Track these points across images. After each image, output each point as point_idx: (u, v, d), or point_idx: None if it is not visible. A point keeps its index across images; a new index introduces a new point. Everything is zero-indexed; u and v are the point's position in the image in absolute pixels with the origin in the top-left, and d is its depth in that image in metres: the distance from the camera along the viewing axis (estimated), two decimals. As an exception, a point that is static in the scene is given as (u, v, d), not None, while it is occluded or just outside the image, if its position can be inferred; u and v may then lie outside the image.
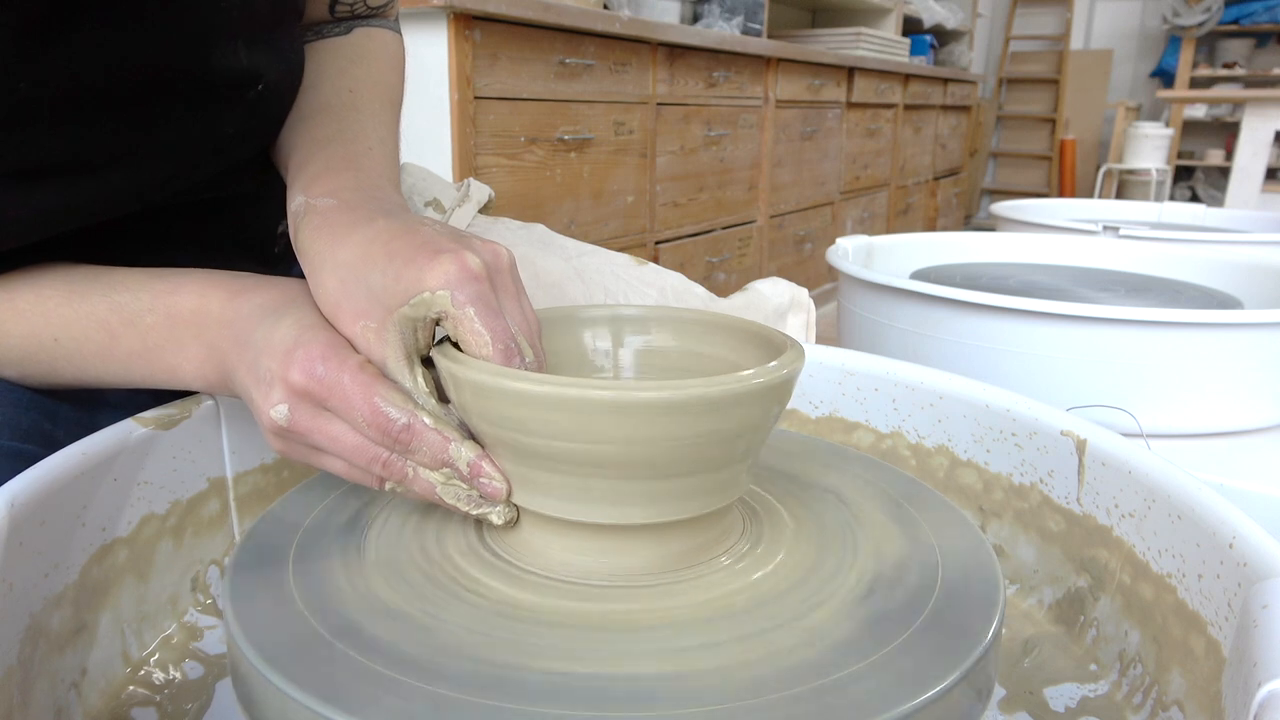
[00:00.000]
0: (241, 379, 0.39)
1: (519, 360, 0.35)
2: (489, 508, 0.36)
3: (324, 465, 0.38)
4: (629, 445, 0.32)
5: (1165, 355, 0.86)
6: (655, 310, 0.44)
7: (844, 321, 1.13)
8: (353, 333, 0.37)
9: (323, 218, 0.41)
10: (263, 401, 0.37)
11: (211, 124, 0.48)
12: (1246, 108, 2.83)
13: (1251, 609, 0.29)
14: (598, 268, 0.69)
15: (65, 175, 0.42)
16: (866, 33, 3.21)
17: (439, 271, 0.35)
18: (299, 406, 0.36)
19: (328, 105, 0.53)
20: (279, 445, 0.38)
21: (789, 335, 0.38)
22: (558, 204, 1.78)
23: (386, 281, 0.36)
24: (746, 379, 0.33)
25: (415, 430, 0.35)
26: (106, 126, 0.43)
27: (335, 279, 0.38)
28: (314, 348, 0.36)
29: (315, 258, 0.40)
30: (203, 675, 0.40)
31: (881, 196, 3.52)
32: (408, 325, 0.37)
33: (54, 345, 0.43)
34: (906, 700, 0.28)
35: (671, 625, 0.32)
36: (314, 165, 0.46)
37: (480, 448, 0.36)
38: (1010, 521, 0.48)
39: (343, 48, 0.59)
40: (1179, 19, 5.16)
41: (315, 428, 0.36)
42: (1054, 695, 0.39)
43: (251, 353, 0.38)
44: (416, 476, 0.37)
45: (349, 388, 0.35)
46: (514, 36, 1.61)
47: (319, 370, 0.36)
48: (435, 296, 0.35)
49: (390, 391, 0.36)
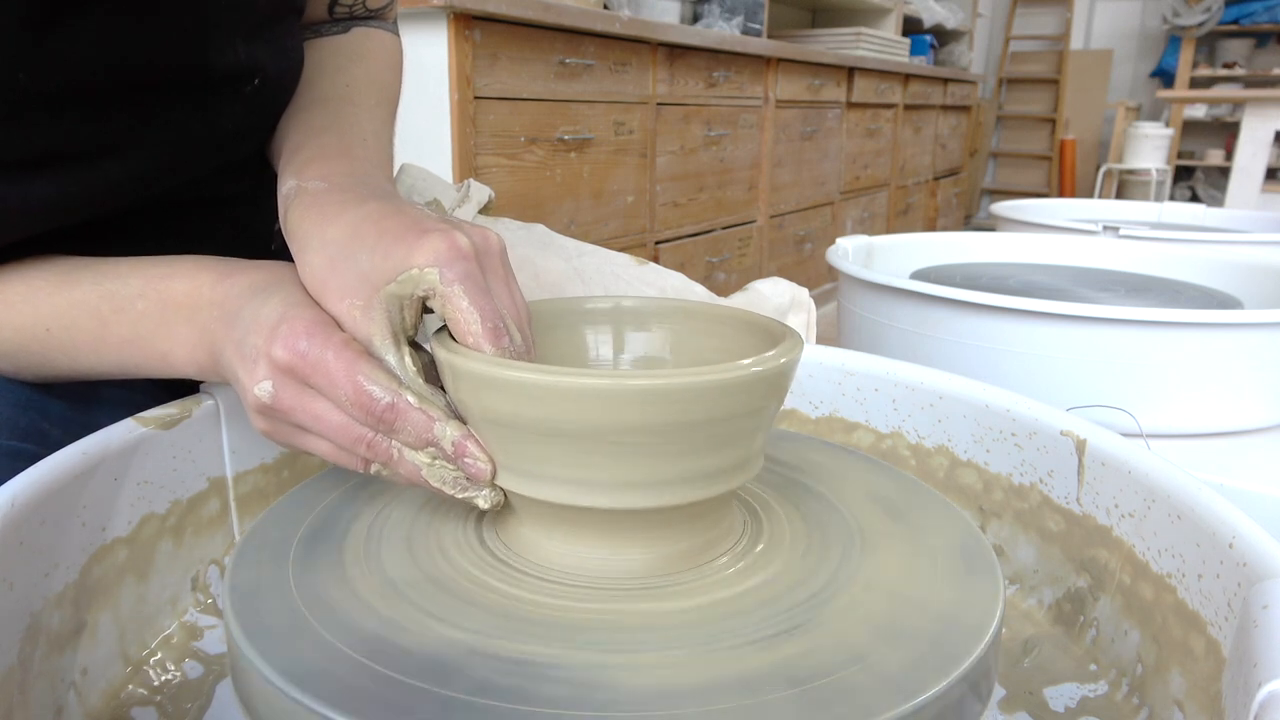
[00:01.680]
0: (229, 358, 0.39)
1: (506, 341, 0.35)
2: (475, 491, 0.36)
3: (308, 447, 0.38)
4: (627, 433, 0.32)
5: (1165, 355, 0.86)
6: (656, 302, 0.44)
7: (844, 321, 1.13)
8: (339, 311, 0.37)
9: (313, 198, 0.41)
10: (248, 378, 0.37)
11: (210, 118, 0.48)
12: (1246, 108, 2.83)
13: (1252, 609, 0.29)
14: (598, 268, 0.69)
15: (64, 167, 0.42)
16: (866, 33, 3.21)
17: (428, 249, 0.35)
18: (283, 383, 0.36)
19: (324, 98, 0.53)
20: (263, 425, 0.38)
21: (788, 325, 0.38)
22: (558, 204, 1.78)
23: (375, 259, 0.36)
24: (744, 367, 0.33)
25: (399, 409, 0.35)
26: (105, 118, 0.43)
27: (323, 257, 0.38)
28: (298, 324, 0.36)
29: (303, 237, 0.39)
30: (203, 675, 0.40)
31: (881, 196, 3.52)
32: (394, 303, 0.36)
33: (46, 336, 0.43)
34: (906, 700, 0.28)
35: (672, 625, 0.32)
36: (307, 151, 0.46)
37: (465, 427, 0.35)
38: (1010, 522, 0.48)
39: (341, 46, 0.59)
40: (1179, 19, 5.16)
41: (299, 406, 0.36)
42: (1054, 695, 0.39)
43: (239, 330, 0.38)
44: (401, 458, 0.36)
45: (332, 365, 0.35)
46: (514, 36, 1.61)
47: (302, 346, 0.35)
48: (423, 274, 0.35)
49: (374, 370, 0.35)
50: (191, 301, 0.42)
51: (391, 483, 0.39)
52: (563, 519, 0.35)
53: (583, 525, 0.35)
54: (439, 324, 0.37)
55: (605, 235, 1.94)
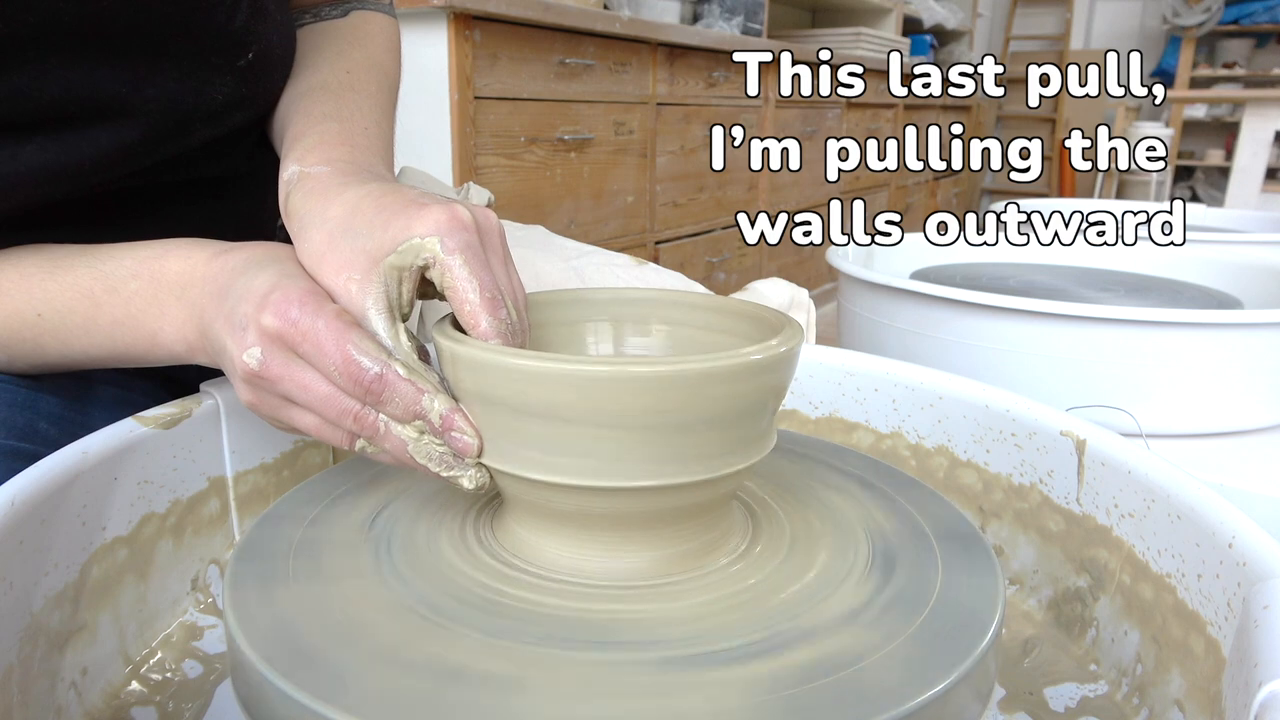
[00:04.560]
0: (218, 331, 0.38)
1: (504, 313, 0.35)
2: (460, 470, 0.35)
3: (294, 421, 0.37)
4: (628, 417, 0.32)
5: (1165, 355, 0.86)
6: (658, 294, 0.44)
7: (844, 321, 1.13)
8: (335, 284, 0.37)
9: (315, 181, 0.41)
10: (236, 346, 0.36)
11: (200, 87, 0.48)
12: (1246, 108, 2.84)
13: (1252, 609, 0.29)
14: (597, 268, 0.69)
15: (51, 131, 0.42)
16: (866, 33, 3.21)
17: (430, 219, 0.35)
18: (272, 351, 0.36)
19: (325, 85, 0.53)
20: (250, 396, 0.38)
21: (788, 317, 0.38)
22: (558, 204, 1.78)
23: (375, 231, 0.36)
24: (745, 354, 0.33)
25: (387, 380, 0.35)
26: (91, 77, 0.43)
27: (323, 233, 0.38)
28: (291, 292, 0.36)
29: (304, 217, 0.39)
30: (202, 675, 0.40)
31: (881, 196, 3.52)
32: (393, 275, 0.36)
33: (38, 321, 0.43)
34: (906, 700, 0.28)
35: (672, 625, 0.32)
36: (310, 138, 0.46)
37: (454, 401, 0.35)
38: (1010, 522, 0.48)
39: (341, 30, 0.60)
40: (1179, 19, 5.16)
41: (287, 374, 0.36)
42: (1054, 695, 0.39)
43: (230, 302, 0.38)
44: (388, 432, 0.36)
45: (322, 333, 0.35)
46: (514, 36, 1.61)
47: (294, 314, 0.35)
48: (424, 242, 0.35)
49: (364, 341, 0.35)
50: (184, 279, 0.41)
51: (375, 461, 0.38)
52: (563, 519, 0.35)
53: (583, 525, 0.35)
54: (438, 323, 0.37)
55: (605, 235, 1.94)
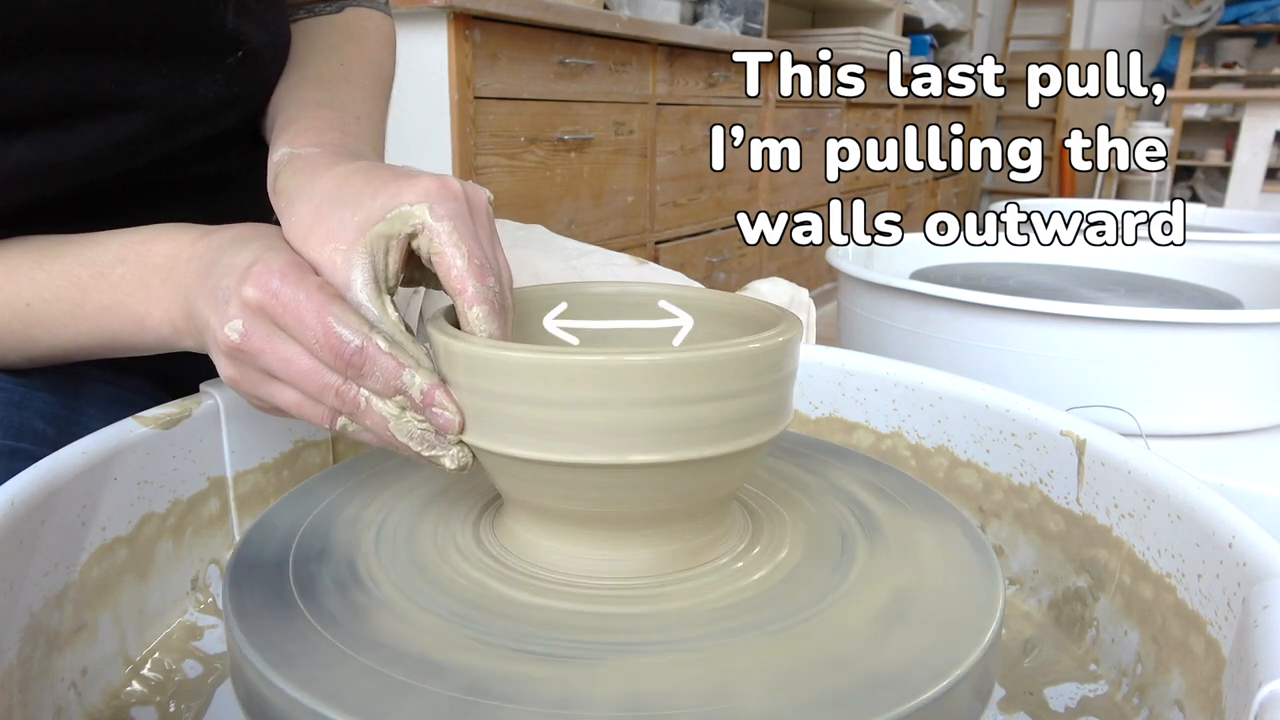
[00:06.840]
0: (201, 307, 0.38)
1: (493, 281, 0.35)
2: (442, 450, 0.35)
3: (275, 397, 0.37)
4: (626, 407, 0.31)
5: (1165, 355, 0.85)
6: (659, 288, 0.44)
7: (844, 321, 1.13)
8: (320, 256, 0.36)
9: (305, 161, 0.41)
10: (218, 320, 0.36)
11: (191, 85, 0.48)
12: (1246, 108, 2.84)
13: (1252, 609, 0.29)
14: (597, 268, 0.69)
15: (41, 128, 0.43)
16: (866, 33, 3.21)
17: (419, 187, 0.35)
18: (253, 323, 0.35)
19: (319, 75, 0.53)
20: (231, 371, 0.37)
21: (785, 310, 0.38)
22: (558, 204, 1.78)
23: (363, 201, 0.36)
24: (742, 343, 0.32)
25: (368, 353, 0.34)
26: (82, 75, 0.43)
27: (309, 206, 0.38)
28: (273, 264, 0.35)
29: (292, 193, 0.39)
30: (202, 675, 0.40)
31: (881, 196, 3.52)
32: (380, 245, 0.36)
33: (26, 311, 0.43)
34: (907, 700, 0.28)
35: (671, 626, 0.32)
36: (301, 123, 0.46)
37: (436, 376, 0.35)
38: (1010, 522, 0.48)
39: (336, 25, 0.60)
40: (1179, 19, 5.16)
41: (268, 348, 0.35)
42: (1054, 695, 0.39)
43: (213, 278, 0.38)
44: (369, 408, 0.35)
45: (304, 305, 0.34)
46: (514, 36, 1.61)
47: (275, 285, 0.35)
48: (412, 209, 0.35)
49: (346, 313, 0.35)
50: (170, 262, 0.41)
51: (358, 441, 0.37)
52: (564, 519, 0.35)
53: (583, 525, 0.35)
54: (435, 320, 0.37)
55: (605, 235, 1.94)
